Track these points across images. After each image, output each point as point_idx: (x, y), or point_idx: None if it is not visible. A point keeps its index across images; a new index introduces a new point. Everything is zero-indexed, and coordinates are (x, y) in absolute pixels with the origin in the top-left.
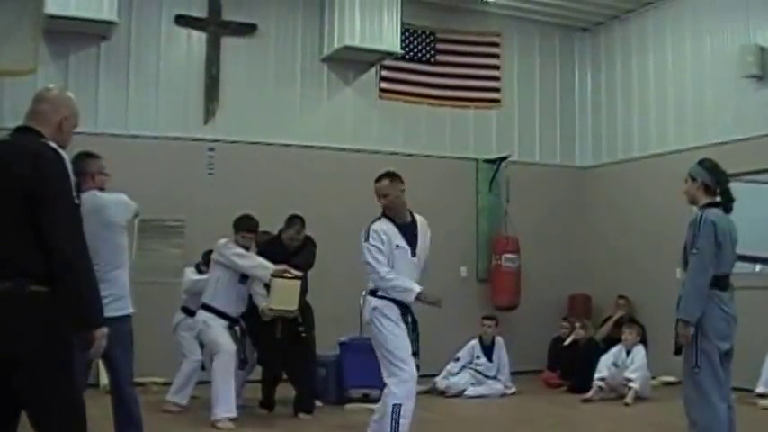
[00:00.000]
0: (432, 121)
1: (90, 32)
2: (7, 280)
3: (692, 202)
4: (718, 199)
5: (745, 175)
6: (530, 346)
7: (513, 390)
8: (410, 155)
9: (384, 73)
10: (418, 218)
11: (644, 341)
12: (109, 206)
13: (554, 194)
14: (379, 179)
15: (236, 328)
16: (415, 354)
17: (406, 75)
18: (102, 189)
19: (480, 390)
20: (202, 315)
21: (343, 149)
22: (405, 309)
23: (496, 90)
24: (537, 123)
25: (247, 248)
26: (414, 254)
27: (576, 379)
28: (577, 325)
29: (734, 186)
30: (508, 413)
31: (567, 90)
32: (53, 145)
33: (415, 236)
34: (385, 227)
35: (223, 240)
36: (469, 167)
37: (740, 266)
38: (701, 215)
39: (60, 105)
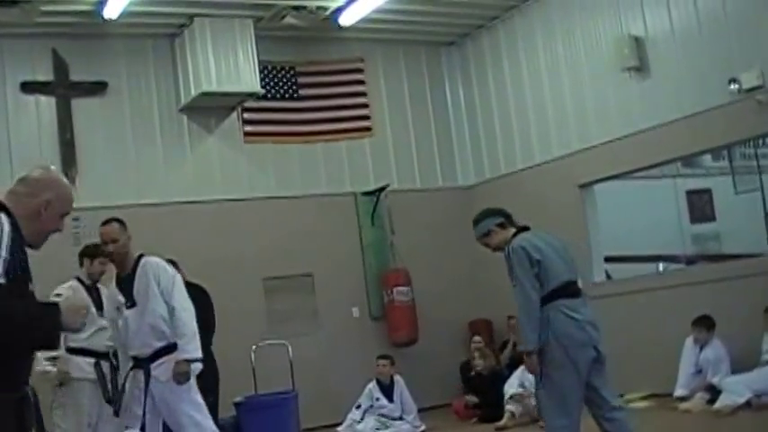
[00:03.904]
0: (303, 159)
1: None
2: None
3: (504, 244)
4: (520, 225)
5: (637, 172)
6: (435, 379)
7: (423, 428)
8: (284, 197)
9: (247, 115)
10: (146, 260)
11: None
12: None
13: (440, 219)
14: (106, 222)
15: (106, 363)
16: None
17: (271, 114)
18: None
19: None
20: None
21: (214, 201)
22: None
23: (366, 118)
24: (413, 147)
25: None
26: (131, 305)
27: (488, 409)
28: (476, 355)
29: (626, 185)
30: None
31: (440, 108)
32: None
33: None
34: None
35: (66, 285)
36: (348, 202)
37: (643, 268)
38: (509, 247)
39: (42, 188)
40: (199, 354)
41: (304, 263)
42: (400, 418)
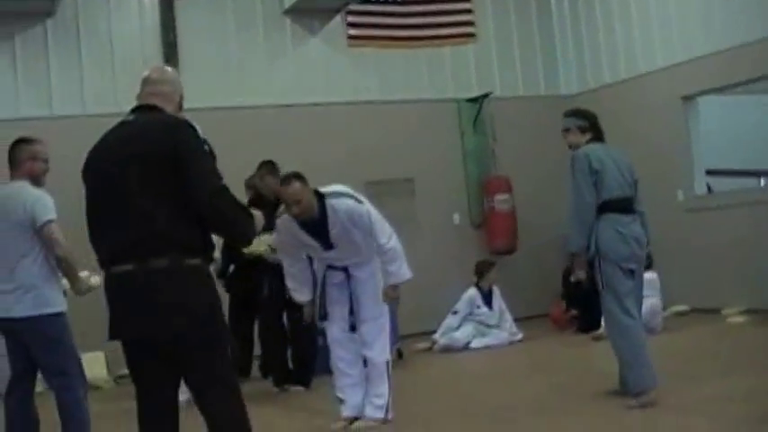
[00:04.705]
0: (406, 64)
1: (33, 11)
2: (163, 257)
3: (576, 147)
4: (599, 136)
5: (742, 86)
6: (533, 288)
7: (521, 336)
8: (386, 102)
9: (351, 18)
10: (332, 205)
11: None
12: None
13: (542, 127)
14: (286, 181)
15: None
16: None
17: (375, 18)
18: (37, 178)
19: (485, 341)
20: None
21: (315, 104)
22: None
23: (471, 24)
24: (516, 54)
25: None
26: (327, 247)
27: (585, 318)
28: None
29: (729, 98)
30: (521, 361)
31: (545, 15)
32: (181, 116)
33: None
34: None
35: None
36: (451, 109)
37: (744, 182)
38: (574, 154)
39: (178, 85)
40: (409, 274)
41: (406, 168)
42: (497, 326)
